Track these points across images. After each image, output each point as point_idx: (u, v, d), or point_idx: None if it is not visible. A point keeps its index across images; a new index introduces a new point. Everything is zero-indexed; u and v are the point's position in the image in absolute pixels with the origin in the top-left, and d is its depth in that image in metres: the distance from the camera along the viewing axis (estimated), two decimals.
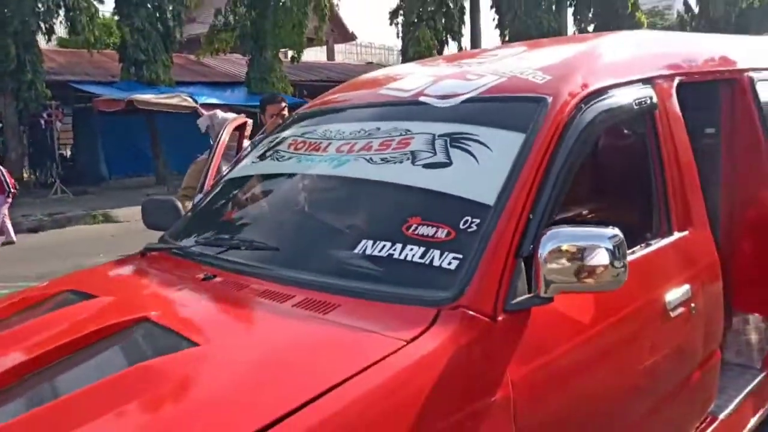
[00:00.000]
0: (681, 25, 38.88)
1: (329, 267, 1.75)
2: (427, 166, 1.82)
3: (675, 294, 2.01)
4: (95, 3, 14.73)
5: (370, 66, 29.55)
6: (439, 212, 1.69)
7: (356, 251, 1.70)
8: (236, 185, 2.45)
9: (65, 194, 14.40)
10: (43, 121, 14.82)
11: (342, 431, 1.19)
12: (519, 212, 1.61)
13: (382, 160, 1.93)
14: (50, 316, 1.74)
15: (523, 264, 1.57)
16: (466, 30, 24.56)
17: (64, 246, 9.33)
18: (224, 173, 2.77)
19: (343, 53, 37.89)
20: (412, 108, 2.09)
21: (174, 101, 14.18)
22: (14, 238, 9.84)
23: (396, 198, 1.84)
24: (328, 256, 1.80)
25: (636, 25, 28.07)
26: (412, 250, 1.62)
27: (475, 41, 25.46)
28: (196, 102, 14.90)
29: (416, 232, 1.65)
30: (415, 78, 2.28)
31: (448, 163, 1.80)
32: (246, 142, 3.63)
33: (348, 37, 35.49)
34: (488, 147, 1.78)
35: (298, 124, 2.51)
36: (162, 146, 16.31)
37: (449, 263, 1.55)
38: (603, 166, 3.09)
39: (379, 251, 1.66)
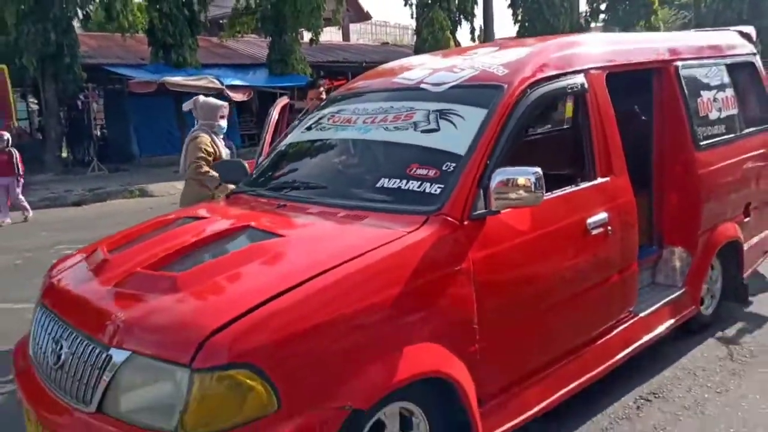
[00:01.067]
0: (695, 2, 39.08)
1: (361, 195, 2.73)
2: (424, 131, 2.79)
3: (595, 218, 2.96)
4: None
5: (385, 46, 30.25)
6: (430, 160, 2.65)
7: (378, 185, 2.69)
8: (292, 147, 3.45)
9: (102, 171, 15.49)
10: (80, 103, 15.87)
11: (372, 273, 2.18)
12: (480, 159, 2.56)
13: (394, 128, 2.90)
14: (187, 227, 2.76)
15: (482, 192, 2.52)
16: (479, 11, 25.21)
17: (110, 217, 10.34)
18: (279, 140, 3.76)
19: (358, 32, 38.45)
20: (415, 92, 3.05)
21: (202, 83, 15.15)
22: (30, 213, 10.48)
23: (403, 152, 2.80)
24: (360, 188, 2.79)
25: (647, 3, 28.52)
26: (412, 183, 2.60)
27: (488, 22, 26.06)
28: (222, 83, 15.88)
29: (415, 173, 2.63)
30: (417, 71, 3.24)
31: (437, 129, 2.76)
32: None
33: (363, 16, 35.97)
34: (463, 118, 2.74)
35: (335, 104, 3.48)
36: (188, 126, 17.30)
37: (435, 190, 2.52)
38: (558, 134, 4.03)
39: (393, 184, 2.65)
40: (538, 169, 2.47)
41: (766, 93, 4.59)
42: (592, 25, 29.29)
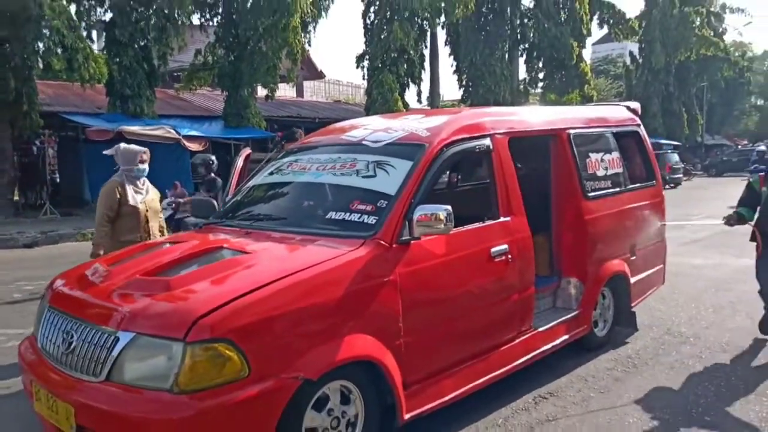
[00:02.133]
0: (626, 74, 42.27)
1: (314, 224, 3.46)
2: (364, 176, 3.56)
3: (497, 249, 3.76)
4: (90, 45, 16.30)
5: (338, 104, 31.53)
6: (369, 198, 3.42)
7: (327, 217, 3.44)
8: (256, 188, 4.17)
9: (54, 215, 15.68)
10: (35, 148, 16.12)
11: (322, 278, 2.89)
12: (406, 198, 3.34)
13: (341, 174, 3.67)
14: (171, 247, 3.42)
15: (407, 222, 3.29)
16: (426, 75, 26.83)
17: (63, 257, 10.61)
18: (243, 183, 4.47)
19: (312, 89, 39.85)
20: (358, 147, 3.84)
21: (159, 132, 15.73)
22: None
23: (348, 192, 3.56)
24: (313, 219, 3.52)
25: (580, 75, 30.87)
26: (354, 215, 3.35)
27: (434, 85, 27.72)
28: (179, 134, 16.50)
29: (356, 207, 3.38)
30: (360, 130, 4.06)
31: (374, 176, 3.54)
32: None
33: (317, 74, 37.27)
34: (395, 167, 3.53)
35: (293, 155, 4.24)
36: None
37: (371, 220, 3.28)
38: (479, 185, 4.89)
39: (339, 216, 3.40)
40: (449, 207, 3.26)
41: (649, 156, 5.60)
42: (531, 91, 31.46)
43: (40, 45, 14.73)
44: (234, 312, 2.60)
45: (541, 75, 31.38)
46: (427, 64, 26.37)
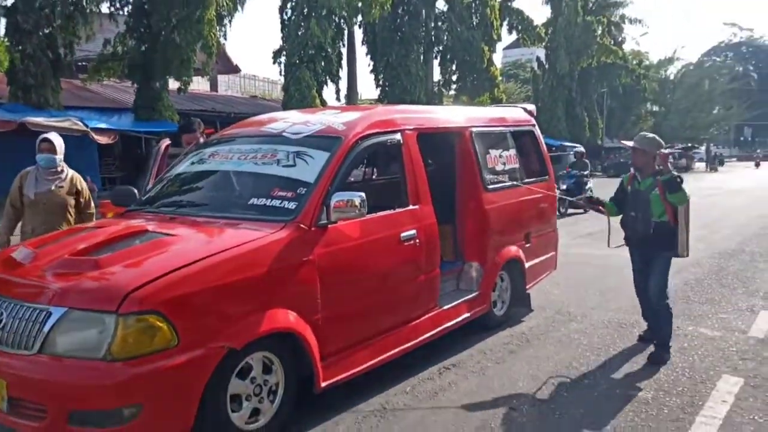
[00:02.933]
0: (534, 78, 44.41)
1: (238, 210, 3.71)
2: (284, 166, 3.85)
3: (406, 233, 4.15)
4: None
5: (254, 99, 31.21)
6: (289, 186, 3.70)
7: (249, 203, 3.70)
8: (178, 177, 4.35)
9: None
10: None
11: (244, 257, 3.15)
12: (324, 185, 3.65)
13: (263, 163, 3.94)
14: (96, 231, 3.57)
15: (325, 208, 3.60)
16: (344, 73, 27.14)
17: None
18: (164, 173, 4.62)
19: (227, 84, 39.15)
20: (279, 138, 4.12)
21: (65, 124, 15.13)
22: None
23: (269, 180, 3.82)
24: (236, 205, 3.77)
25: (491, 78, 32.18)
26: (275, 201, 3.63)
27: (352, 83, 28.08)
28: (86, 126, 15.95)
29: (277, 194, 3.67)
30: (280, 123, 4.33)
31: (294, 165, 3.83)
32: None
33: (232, 69, 36.60)
34: (313, 158, 3.84)
35: (213, 146, 4.45)
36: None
37: (292, 206, 3.57)
38: (386, 175, 5.29)
39: (260, 202, 3.67)
40: (362, 194, 3.61)
41: (543, 154, 6.19)
42: (445, 93, 32.48)
43: None
44: (164, 286, 2.82)
45: (454, 77, 32.48)
46: (344, 63, 26.67)
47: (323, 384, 3.51)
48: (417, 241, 4.23)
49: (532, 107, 6.34)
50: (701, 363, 4.59)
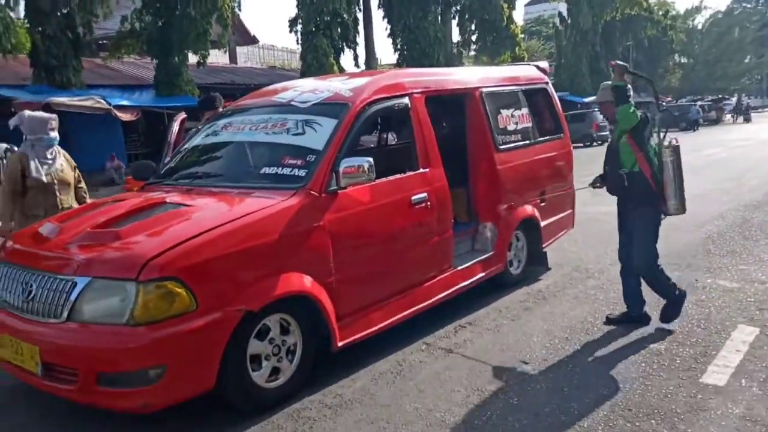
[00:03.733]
0: (556, 34, 43.40)
1: (251, 179, 3.81)
2: (294, 134, 3.93)
3: (417, 197, 4.21)
4: (10, 14, 15.70)
5: (273, 70, 31.21)
6: (299, 153, 3.79)
7: (261, 172, 3.80)
8: (193, 149, 4.46)
9: None
10: None
11: (258, 224, 3.27)
12: (332, 152, 3.73)
13: (273, 133, 4.03)
14: (116, 204, 3.72)
15: (334, 174, 3.68)
16: (361, 39, 26.93)
17: None
18: (180, 147, 4.74)
19: (246, 55, 39.15)
20: (288, 107, 4.19)
21: (89, 103, 15.43)
22: None
23: (279, 149, 3.92)
24: (249, 175, 3.88)
25: (511, 36, 31.59)
26: (286, 169, 3.73)
27: (370, 49, 27.85)
28: (109, 104, 16.21)
29: (287, 162, 3.76)
30: (290, 92, 4.40)
31: (303, 133, 3.91)
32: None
33: (250, 40, 36.57)
34: (321, 125, 3.91)
35: (227, 117, 4.55)
36: (74, 145, 17.35)
37: (302, 173, 3.66)
38: (396, 139, 5.34)
39: (272, 171, 3.77)
40: (370, 159, 3.68)
41: (557, 111, 6.15)
42: (464, 54, 32.02)
43: None
44: (182, 253, 2.96)
45: (473, 38, 31.98)
46: (361, 28, 26.44)
47: (340, 343, 3.64)
48: (428, 203, 4.29)
49: (545, 64, 6.29)
50: (717, 314, 4.62)
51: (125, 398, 2.90)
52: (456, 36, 31.67)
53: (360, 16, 26.24)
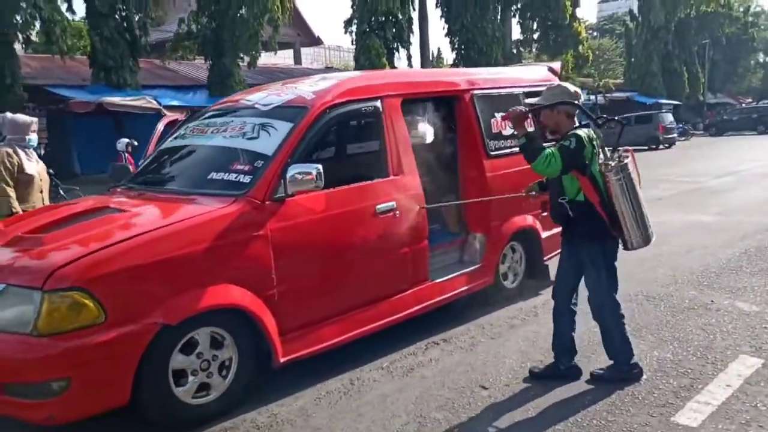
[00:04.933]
0: (626, 32, 41.65)
1: (199, 185, 3.69)
2: (248, 138, 3.78)
3: (383, 205, 3.98)
4: (67, 15, 16.45)
5: (327, 71, 31.43)
6: (248, 159, 3.64)
7: (209, 177, 3.67)
8: (161, 153, 4.40)
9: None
10: None
11: (186, 232, 3.13)
12: (282, 158, 3.56)
13: (230, 136, 3.90)
14: (63, 208, 3.69)
15: (282, 181, 3.51)
16: (415, 39, 26.67)
17: None
18: (158, 148, 4.70)
19: (312, 56, 39.70)
20: (250, 110, 4.06)
21: (140, 103, 15.92)
22: None
23: (231, 154, 3.78)
24: (197, 180, 3.75)
25: (574, 34, 30.50)
26: (232, 175, 3.58)
27: (424, 49, 27.56)
28: (159, 104, 16.67)
29: (235, 168, 3.61)
30: (257, 94, 4.26)
31: (257, 137, 3.75)
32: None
33: (314, 41, 37.12)
34: (276, 129, 3.74)
35: (199, 118, 4.45)
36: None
37: (246, 180, 3.51)
38: (364, 144, 5.08)
39: (219, 176, 3.63)
40: (319, 166, 3.48)
41: None
42: (524, 53, 31.19)
43: (18, 18, 14.83)
44: (91, 263, 2.86)
45: (534, 36, 31.10)
46: (416, 28, 26.19)
47: (282, 359, 3.46)
48: (396, 212, 4.05)
49: (557, 65, 5.89)
50: (722, 341, 4.15)
51: (31, 409, 2.83)
52: (516, 34, 30.95)
53: (415, 15, 25.94)
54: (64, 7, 16.22)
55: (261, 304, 3.36)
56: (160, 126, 5.16)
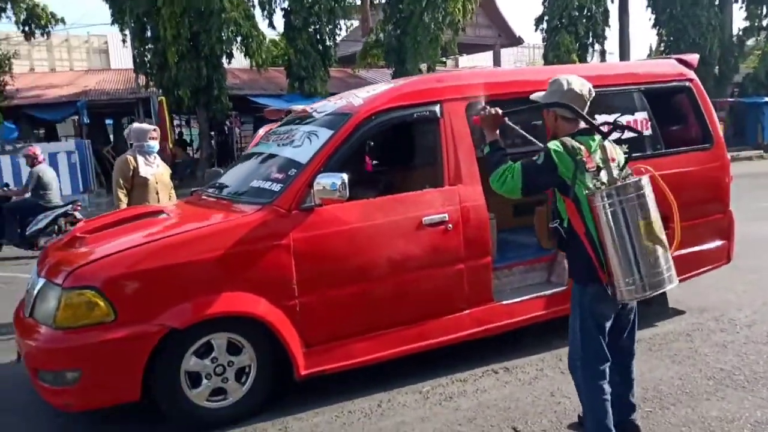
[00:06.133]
0: None
1: (241, 192, 3.77)
2: (294, 146, 3.77)
3: (431, 217, 3.69)
4: (268, 30, 18.21)
5: None
6: (286, 167, 3.62)
7: (251, 185, 3.73)
8: (240, 159, 4.59)
9: None
10: (226, 128, 18.46)
11: (199, 242, 3.21)
12: (315, 167, 3.47)
13: (282, 144, 3.92)
14: (130, 211, 4.02)
15: (311, 189, 3.43)
16: (612, 32, 24.72)
17: None
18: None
19: (514, 55, 39.05)
20: (308, 118, 4.03)
21: None
22: None
23: (276, 161, 3.79)
24: (243, 187, 3.83)
25: None
26: (268, 183, 3.59)
27: (623, 43, 25.39)
28: None
29: (273, 176, 3.62)
30: (325, 102, 4.22)
31: (301, 145, 3.72)
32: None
33: (515, 40, 36.44)
34: (317, 137, 3.67)
35: (283, 125, 4.54)
36: None
37: (276, 188, 3.49)
38: (419, 152, 4.71)
39: (258, 185, 3.67)
40: (344, 175, 3.33)
41: (704, 116, 4.77)
42: (748, 42, 27.21)
43: (222, 35, 16.72)
44: (106, 264, 3.07)
45: (764, 23, 26.90)
46: (612, 20, 24.30)
47: (304, 372, 3.39)
48: (449, 225, 3.74)
49: (690, 57, 4.96)
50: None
51: (54, 395, 3.12)
52: (741, 21, 27.04)
53: (610, 7, 24.07)
54: (264, 23, 17.91)
55: (280, 313, 3.32)
56: (261, 132, 5.38)
